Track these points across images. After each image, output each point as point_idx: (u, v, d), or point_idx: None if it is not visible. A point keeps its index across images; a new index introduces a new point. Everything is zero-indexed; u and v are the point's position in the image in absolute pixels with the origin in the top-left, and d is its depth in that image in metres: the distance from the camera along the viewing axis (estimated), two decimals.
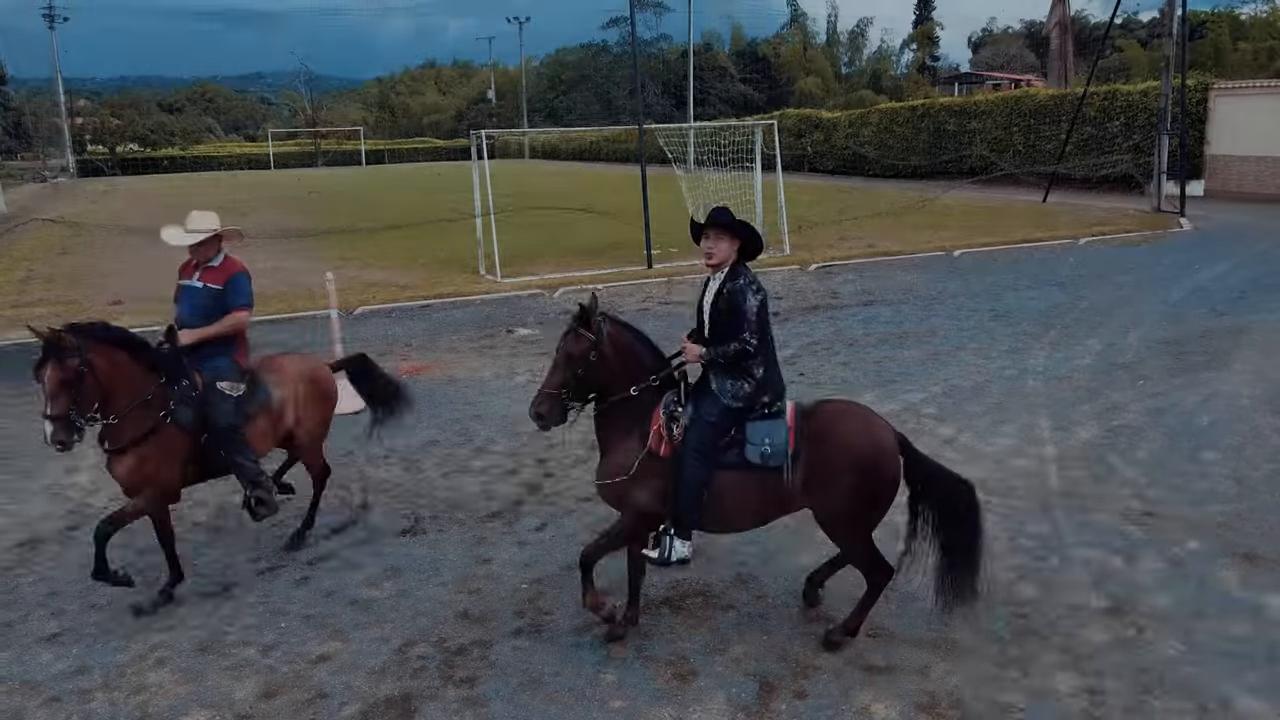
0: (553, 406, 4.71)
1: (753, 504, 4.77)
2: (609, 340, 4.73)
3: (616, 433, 4.83)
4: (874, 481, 4.64)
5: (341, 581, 5.90)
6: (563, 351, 4.70)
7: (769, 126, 19.40)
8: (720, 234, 4.72)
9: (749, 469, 4.66)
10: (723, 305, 4.71)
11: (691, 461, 4.63)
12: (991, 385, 9.38)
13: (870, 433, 4.71)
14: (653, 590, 5.61)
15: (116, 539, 5.76)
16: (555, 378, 4.71)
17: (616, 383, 4.76)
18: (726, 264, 4.78)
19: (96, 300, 15.78)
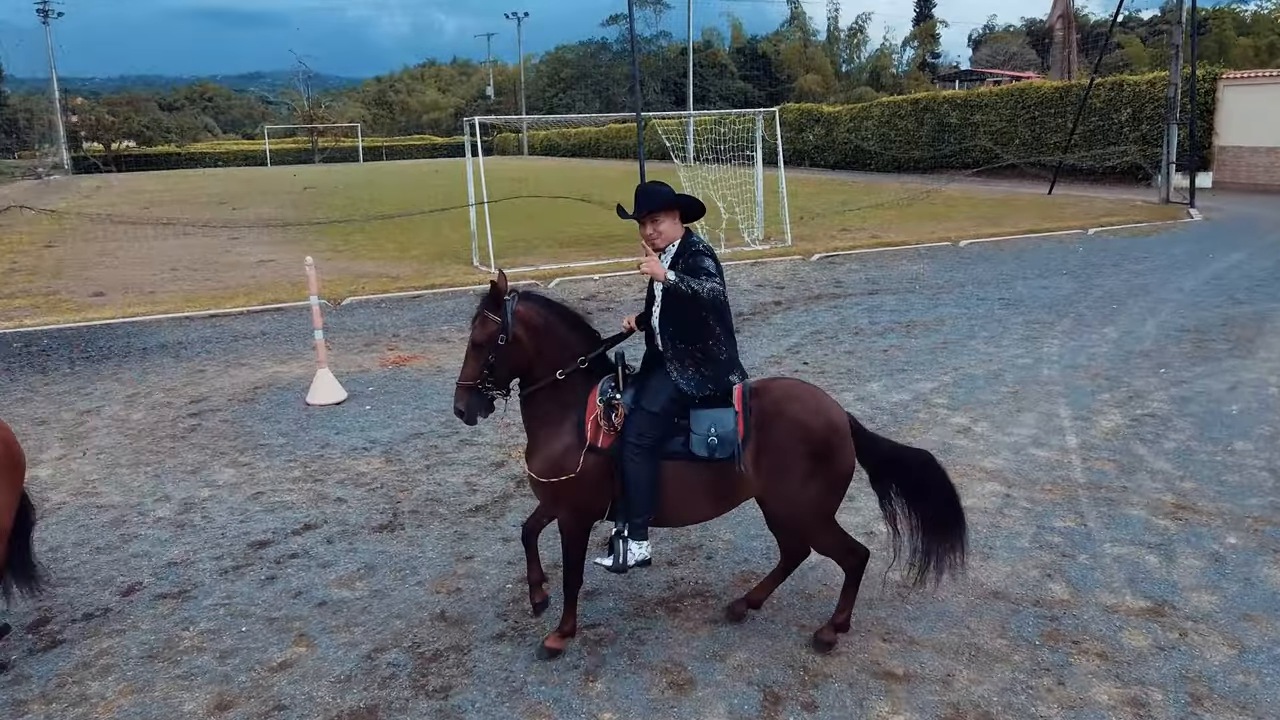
0: (472, 399, 4.31)
1: (704, 495, 4.37)
2: (520, 321, 4.27)
3: (546, 422, 4.38)
4: (830, 463, 4.28)
5: (311, 581, 5.44)
6: (471, 339, 4.30)
7: (770, 116, 18.93)
8: (658, 216, 4.26)
9: (696, 460, 4.25)
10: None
11: (634, 456, 4.21)
12: (1005, 374, 8.92)
13: (822, 412, 4.33)
14: (647, 590, 5.16)
15: None
16: (468, 368, 4.31)
17: (537, 367, 4.33)
18: (676, 240, 4.32)
19: (78, 292, 15.32)
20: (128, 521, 6.38)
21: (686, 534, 5.77)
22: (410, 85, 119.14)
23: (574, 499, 4.34)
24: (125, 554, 5.88)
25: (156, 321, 12.95)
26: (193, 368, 10.43)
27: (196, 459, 7.54)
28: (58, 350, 11.43)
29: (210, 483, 7.04)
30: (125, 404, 9.13)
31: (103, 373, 10.31)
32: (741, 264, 16.21)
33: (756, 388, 4.43)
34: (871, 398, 8.35)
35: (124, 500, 6.76)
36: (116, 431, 8.32)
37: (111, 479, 7.18)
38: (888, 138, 37.51)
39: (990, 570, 5.23)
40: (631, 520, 4.34)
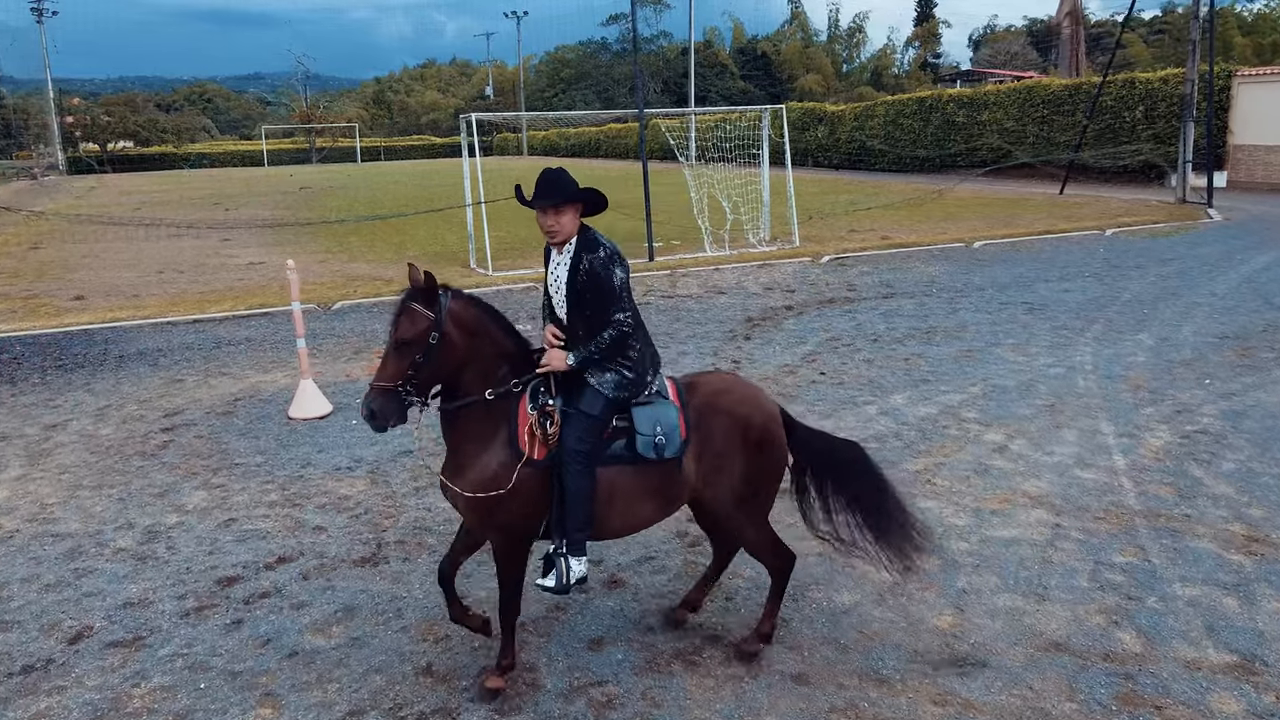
0: (387, 403, 3.78)
1: (646, 500, 4.07)
2: (452, 319, 3.82)
3: (472, 434, 3.93)
4: (770, 456, 4.16)
5: (282, 625, 4.84)
6: (394, 336, 3.79)
7: (776, 113, 18.32)
8: (562, 208, 3.94)
9: (640, 462, 3.97)
10: (583, 284, 3.94)
11: (575, 465, 3.86)
12: (1038, 385, 8.32)
13: (758, 405, 4.19)
14: (660, 640, 4.55)
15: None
16: (389, 367, 3.80)
17: (466, 373, 3.88)
18: (573, 235, 3.98)
19: (59, 296, 14.71)
20: (84, 553, 5.78)
21: (698, 571, 5.16)
22: (409, 86, 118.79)
23: (510, 517, 3.93)
24: (77, 592, 5.28)
25: (137, 327, 12.34)
26: (170, 377, 9.83)
27: (166, 480, 6.94)
28: (30, 358, 10.83)
29: (178, 508, 6.44)
30: (95, 418, 8.52)
31: (74, 383, 9.71)
32: (749, 266, 15.62)
33: (687, 384, 4.23)
34: (896, 411, 7.75)
35: (82, 528, 6.16)
36: (83, 448, 7.71)
37: (71, 503, 6.58)
38: (893, 137, 36.92)
39: (1048, 616, 4.62)
40: (570, 535, 3.95)
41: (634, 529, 4.24)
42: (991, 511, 5.78)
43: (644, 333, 4.15)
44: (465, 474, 3.91)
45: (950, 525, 5.63)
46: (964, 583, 4.95)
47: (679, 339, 10.57)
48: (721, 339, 10.47)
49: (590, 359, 3.92)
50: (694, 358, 9.70)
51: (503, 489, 3.84)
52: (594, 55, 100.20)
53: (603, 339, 3.89)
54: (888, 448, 6.94)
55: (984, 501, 5.94)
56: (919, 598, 4.83)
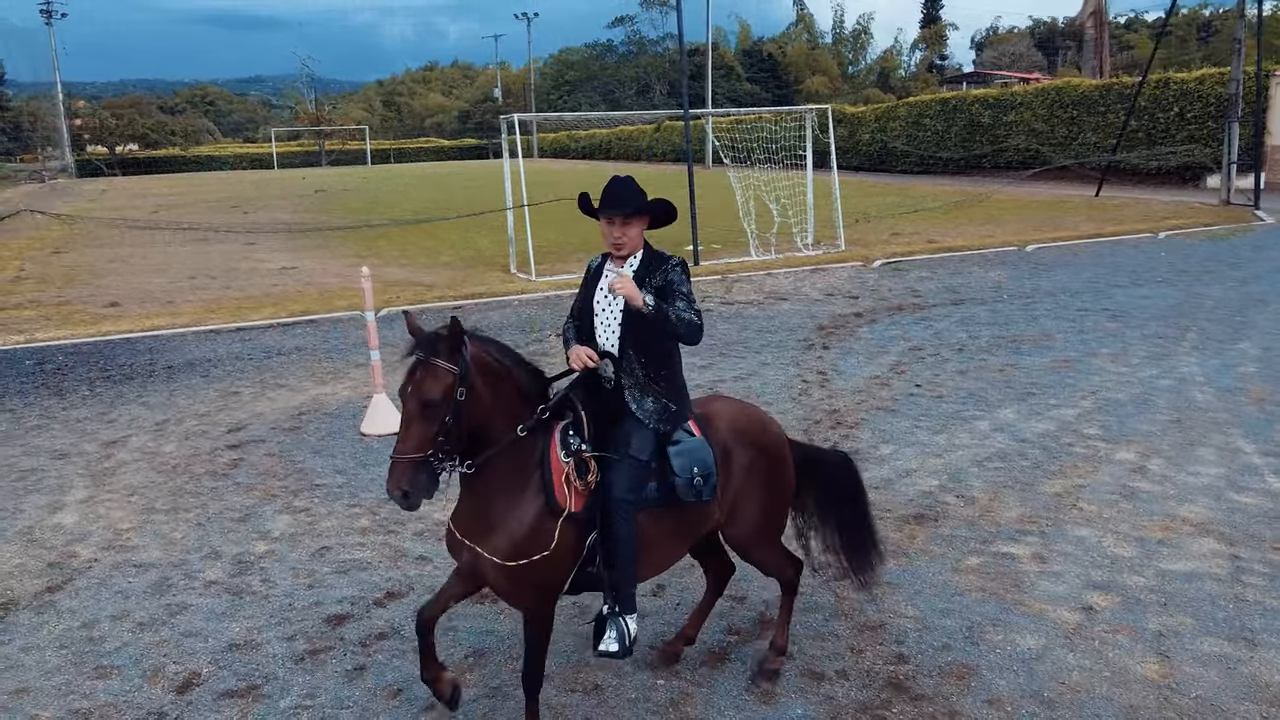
0: (418, 476, 3.27)
1: (675, 542, 3.85)
2: (478, 368, 3.37)
3: (501, 490, 3.49)
4: (784, 479, 4.07)
5: (410, 673, 4.38)
6: (416, 397, 3.28)
7: (822, 113, 17.89)
8: (630, 219, 3.66)
9: (673, 503, 3.68)
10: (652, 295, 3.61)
11: (624, 514, 3.52)
12: (1154, 399, 7.87)
13: (768, 427, 4.08)
14: (839, 694, 4.09)
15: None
16: (416, 435, 3.27)
17: (493, 424, 3.44)
18: (640, 249, 3.73)
19: (92, 302, 14.28)
20: (173, 586, 5.34)
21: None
22: (413, 88, 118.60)
23: (545, 580, 3.52)
24: (175, 632, 4.84)
25: (179, 335, 11.92)
26: (225, 389, 9.39)
27: (244, 503, 6.50)
28: (74, 369, 10.40)
29: (264, 534, 6.00)
30: (155, 433, 8.09)
31: (126, 395, 9.27)
32: (801, 271, 15.18)
33: (702, 414, 3.95)
34: (1010, 427, 7.31)
35: (165, 557, 5.72)
36: (148, 467, 7.28)
37: (148, 528, 6.14)
38: (916, 138, 36.48)
39: (1265, 664, 4.17)
40: (622, 591, 3.62)
41: (660, 570, 3.97)
42: (1157, 541, 5.34)
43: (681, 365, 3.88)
44: (495, 536, 3.47)
45: (1116, 556, 5.19)
46: (1156, 624, 4.51)
47: (753, 348, 10.12)
48: (798, 348, 10.03)
49: (667, 317, 3.51)
50: (775, 369, 9.26)
51: (546, 551, 3.42)
52: (600, 57, 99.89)
53: (685, 314, 3.56)
54: (1015, 468, 6.50)
55: (1143, 530, 5.50)
56: (1112, 641, 4.39)
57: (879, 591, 4.90)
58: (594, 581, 3.67)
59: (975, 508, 5.89)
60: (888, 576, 5.07)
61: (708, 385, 8.78)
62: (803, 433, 7.36)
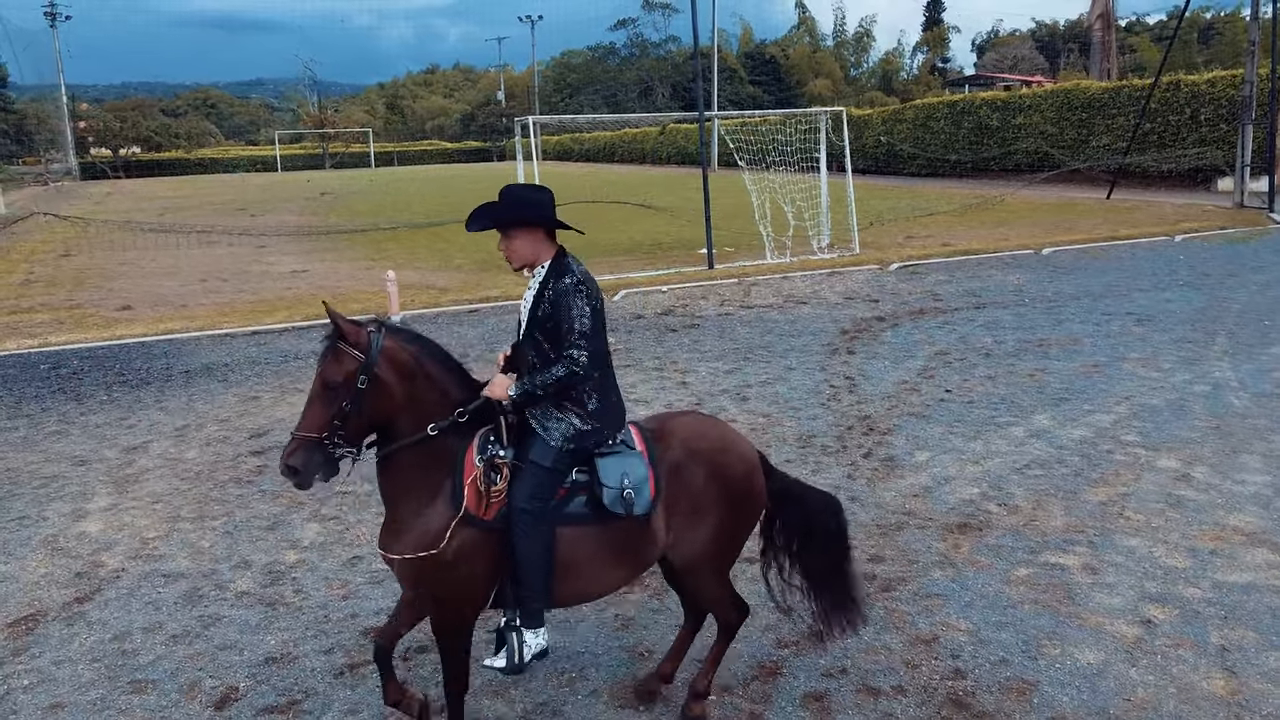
0: (311, 456, 3.33)
1: (610, 564, 3.62)
2: (387, 360, 3.38)
3: (412, 490, 3.47)
4: (749, 509, 3.80)
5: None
6: (320, 380, 3.37)
7: (836, 115, 17.79)
8: (510, 231, 3.58)
9: (605, 520, 3.52)
10: (543, 312, 3.54)
11: (526, 524, 3.43)
12: (1190, 404, 7.76)
13: (740, 452, 3.79)
14: (898, 711, 3.97)
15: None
16: (312, 415, 3.36)
17: (402, 419, 3.43)
18: (541, 260, 3.62)
19: (103, 306, 14.19)
20: (205, 597, 5.23)
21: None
22: (414, 91, 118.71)
23: (449, 585, 3.47)
24: (210, 645, 4.73)
25: (194, 339, 11.81)
26: (244, 394, 9.29)
27: (271, 511, 6.39)
28: (90, 373, 10.29)
29: (294, 543, 5.89)
30: (176, 439, 7.98)
31: (144, 400, 9.17)
32: (818, 274, 15.07)
33: (655, 429, 3.77)
34: (1046, 433, 7.20)
35: (194, 567, 5.61)
36: (171, 474, 7.17)
37: (175, 537, 6.04)
38: (923, 141, 36.39)
39: None
40: (525, 606, 3.55)
41: (598, 595, 3.81)
42: (1210, 551, 5.22)
43: (610, 381, 3.71)
44: (400, 533, 3.47)
45: (1170, 567, 5.07)
46: (1219, 638, 4.39)
47: (777, 352, 10.01)
48: (822, 353, 9.92)
49: (533, 394, 3.47)
50: (801, 374, 9.15)
51: (435, 549, 3.38)
52: (602, 60, 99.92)
53: (550, 374, 3.45)
54: (1057, 475, 6.39)
55: (1194, 539, 5.38)
56: (1174, 656, 4.27)
57: (928, 603, 4.80)
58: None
59: (1019, 516, 5.78)
60: (937, 587, 4.98)
61: (734, 390, 8.68)
62: (836, 439, 7.26)
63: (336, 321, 3.36)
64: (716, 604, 3.91)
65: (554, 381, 3.45)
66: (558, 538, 3.51)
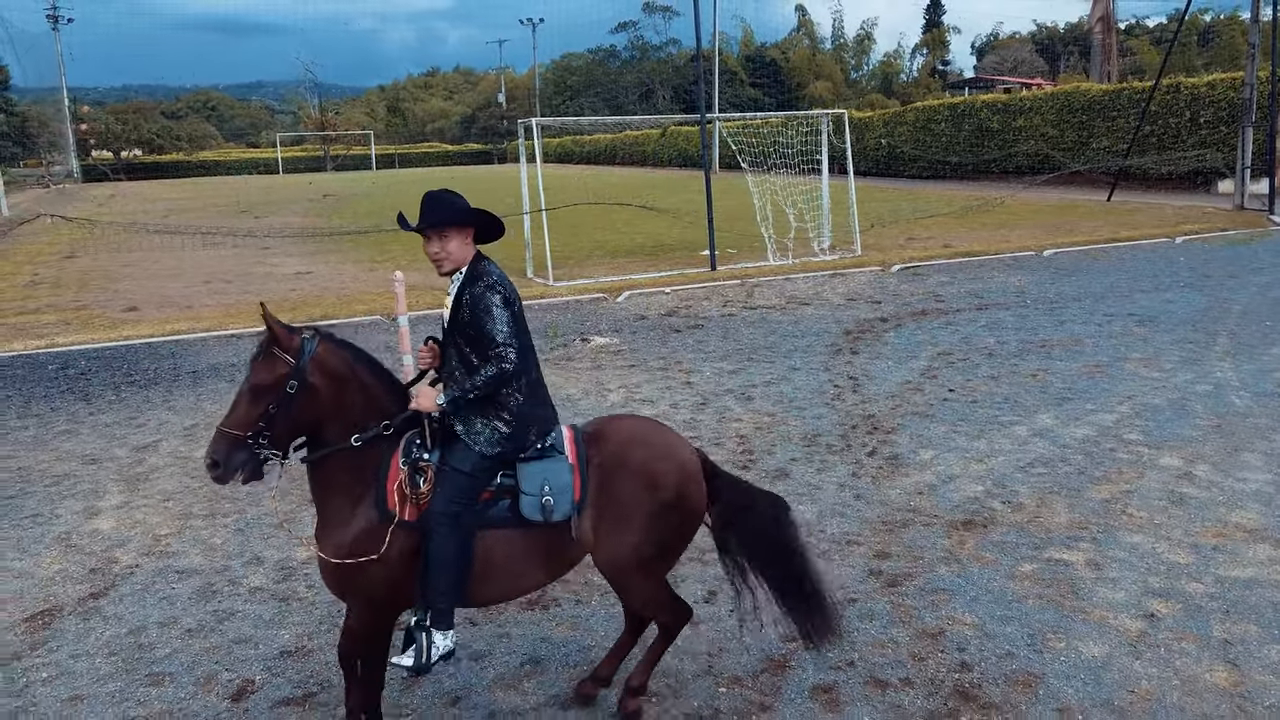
0: (233, 452, 3.39)
1: (531, 566, 3.65)
2: (318, 367, 3.44)
3: (339, 492, 3.54)
4: (682, 516, 3.72)
5: (467, 680, 4.34)
6: (249, 380, 3.42)
7: (838, 118, 17.87)
8: (448, 233, 3.57)
9: (524, 525, 3.56)
10: (465, 317, 3.54)
11: (443, 527, 3.43)
12: (1191, 404, 7.82)
13: (674, 457, 3.73)
14: (906, 702, 4.03)
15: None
16: (239, 413, 3.41)
17: (331, 425, 3.49)
18: (464, 264, 3.61)
19: (109, 307, 14.25)
20: (218, 593, 5.30)
21: (907, 615, 4.67)
22: (415, 93, 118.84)
23: (374, 587, 3.52)
24: (225, 639, 4.79)
25: (201, 340, 11.88)
26: None
27: (281, 508, 6.44)
28: (98, 373, 10.36)
29: (305, 540, 5.94)
30: (185, 438, 8.04)
31: (153, 400, 9.23)
32: (820, 275, 15.14)
33: (592, 432, 3.78)
34: (1049, 432, 7.26)
35: (207, 563, 5.68)
36: (181, 472, 7.23)
37: (187, 534, 6.10)
38: (924, 143, 36.47)
39: None
40: (434, 605, 3.52)
41: (517, 595, 3.87)
42: (1212, 548, 5.29)
43: (536, 383, 3.70)
44: (329, 536, 3.53)
45: (1173, 563, 5.13)
46: (1221, 631, 4.45)
47: (781, 353, 10.08)
48: (826, 353, 9.98)
49: (464, 400, 3.49)
50: (805, 374, 9.21)
51: (373, 554, 3.43)
52: (602, 63, 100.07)
53: (479, 377, 3.46)
54: (1060, 473, 6.45)
55: (1197, 536, 5.45)
56: (1178, 649, 4.33)
57: (934, 598, 4.86)
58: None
59: (1024, 513, 5.84)
60: (943, 582, 5.04)
61: (739, 390, 8.74)
62: (841, 438, 7.32)
63: (271, 326, 3.40)
64: (647, 607, 3.90)
65: (484, 383, 3.46)
66: (481, 540, 3.55)
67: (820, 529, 5.72)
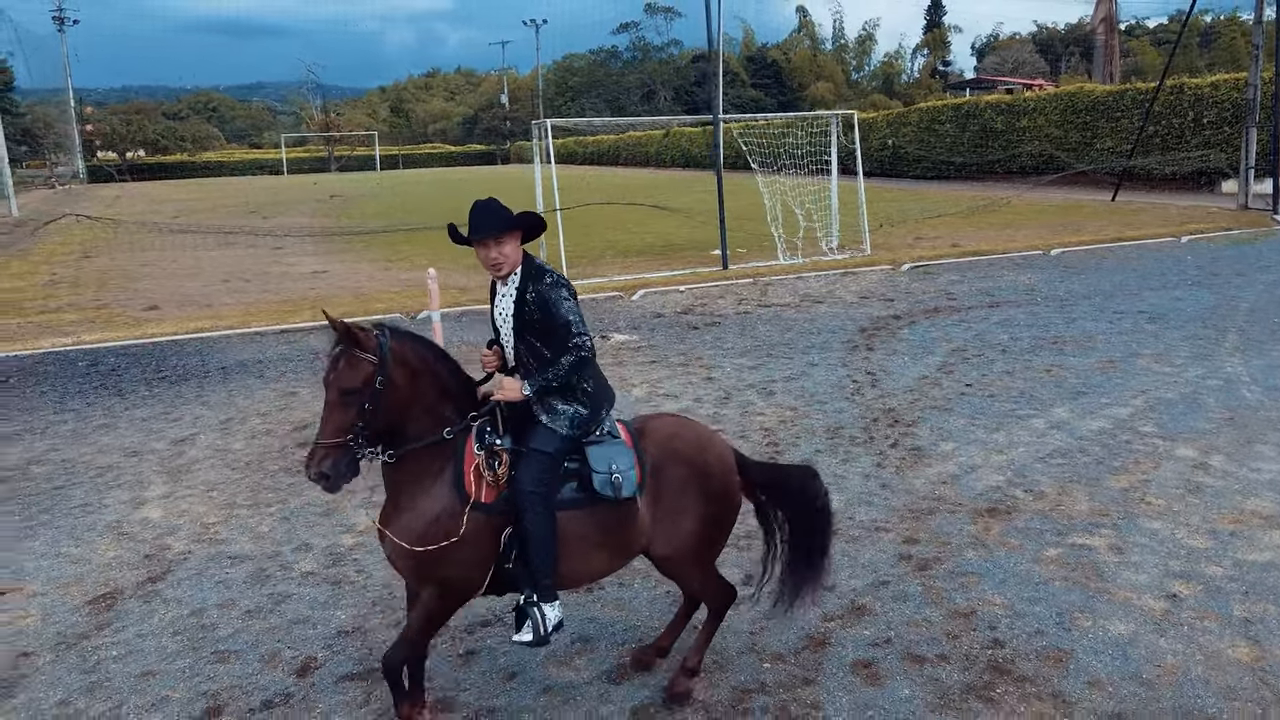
0: (339, 460, 3.52)
1: (600, 547, 3.86)
2: (396, 360, 3.58)
3: (416, 480, 3.69)
4: (726, 506, 4.03)
5: (520, 658, 4.53)
6: (336, 386, 3.51)
7: (848, 118, 18.07)
8: (503, 238, 3.78)
9: (595, 504, 3.77)
10: (532, 314, 3.78)
11: (536, 505, 3.66)
12: (1203, 398, 8.02)
13: (714, 451, 4.04)
14: (944, 675, 4.23)
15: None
16: (335, 421, 3.51)
17: (411, 415, 3.64)
18: (518, 265, 3.86)
19: (130, 305, 14.45)
20: (271, 577, 5.50)
21: (939, 598, 4.87)
22: (416, 94, 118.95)
23: (451, 571, 3.67)
24: (283, 619, 4.99)
25: (225, 338, 12.08)
26: (281, 389, 9.55)
27: (324, 498, 6.62)
28: (127, 369, 10.56)
29: (349, 528, 6.16)
30: (221, 432, 8.24)
31: (185, 395, 9.43)
32: (832, 274, 15.35)
33: (639, 428, 4.03)
34: (1066, 425, 7.46)
35: (257, 549, 5.87)
36: (221, 464, 7.44)
37: (234, 522, 6.30)
38: (928, 144, 36.68)
39: None
40: (539, 582, 3.74)
41: (587, 580, 4.06)
42: (1230, 533, 5.49)
43: (598, 369, 3.96)
44: (406, 523, 3.65)
45: (1192, 547, 5.34)
46: (1241, 611, 4.65)
47: (799, 349, 10.28)
48: (843, 349, 10.19)
49: (548, 386, 3.72)
50: (824, 369, 9.42)
51: (452, 538, 3.58)
52: (604, 64, 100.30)
53: (561, 365, 3.71)
54: (1078, 464, 6.65)
55: (1214, 522, 5.65)
56: (1200, 627, 4.54)
57: (964, 581, 5.06)
58: (514, 581, 3.81)
59: (1045, 501, 6.04)
60: (971, 565, 5.24)
61: (760, 385, 8.94)
62: (863, 430, 7.52)
63: (346, 329, 3.53)
64: (701, 592, 4.16)
65: (567, 370, 3.70)
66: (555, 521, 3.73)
67: (849, 516, 5.92)
